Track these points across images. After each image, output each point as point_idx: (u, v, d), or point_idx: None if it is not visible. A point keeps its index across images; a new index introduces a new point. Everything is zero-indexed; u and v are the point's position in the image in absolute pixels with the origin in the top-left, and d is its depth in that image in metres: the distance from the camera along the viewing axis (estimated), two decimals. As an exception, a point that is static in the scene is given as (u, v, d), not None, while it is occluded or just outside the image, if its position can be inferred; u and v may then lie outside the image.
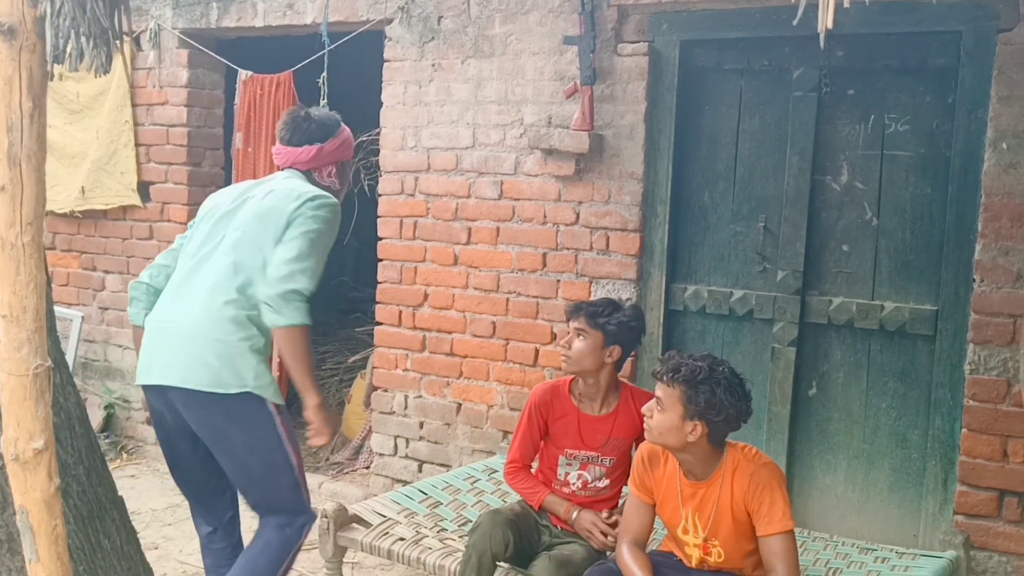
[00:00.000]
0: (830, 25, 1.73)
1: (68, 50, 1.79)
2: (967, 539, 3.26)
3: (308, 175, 2.98)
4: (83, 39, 1.76)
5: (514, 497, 3.41)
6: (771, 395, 3.89)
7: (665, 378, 2.66)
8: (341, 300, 7.14)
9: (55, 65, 1.79)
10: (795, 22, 1.97)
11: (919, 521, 3.62)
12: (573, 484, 3.15)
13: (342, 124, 3.04)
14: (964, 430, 3.47)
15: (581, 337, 3.07)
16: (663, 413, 2.64)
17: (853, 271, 3.75)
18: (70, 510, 2.62)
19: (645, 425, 2.71)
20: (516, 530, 3.02)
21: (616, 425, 3.15)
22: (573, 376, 3.17)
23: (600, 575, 2.76)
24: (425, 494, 3.63)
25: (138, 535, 3.00)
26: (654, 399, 2.69)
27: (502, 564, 2.98)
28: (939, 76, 3.54)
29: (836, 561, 3.22)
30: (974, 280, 3.43)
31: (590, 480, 3.15)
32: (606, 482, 3.15)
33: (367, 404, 5.07)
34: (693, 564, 2.74)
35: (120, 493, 2.93)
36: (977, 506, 3.46)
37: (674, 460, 2.74)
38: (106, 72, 1.85)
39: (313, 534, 3.80)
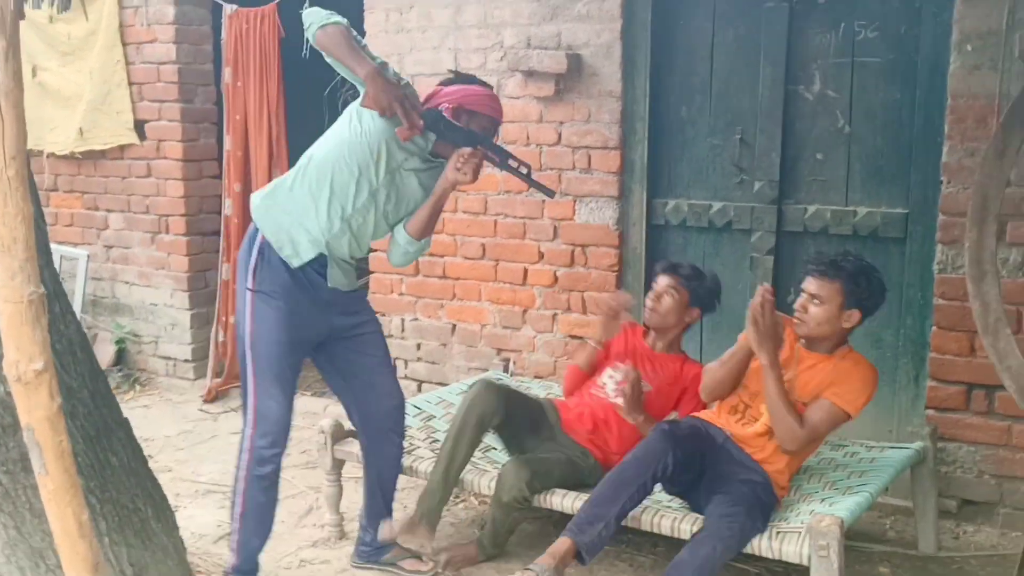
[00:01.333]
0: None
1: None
2: (934, 430, 3.40)
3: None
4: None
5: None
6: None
7: (825, 272, 2.95)
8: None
9: (48, 7, 1.87)
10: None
11: (893, 417, 3.77)
12: (606, 386, 3.41)
13: (482, 85, 3.06)
14: (934, 328, 3.59)
15: (670, 294, 3.35)
16: (821, 306, 2.95)
17: (827, 179, 3.84)
18: (77, 431, 2.78)
19: (798, 318, 2.99)
20: (510, 404, 3.23)
21: (665, 371, 3.46)
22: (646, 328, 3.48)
23: (659, 436, 2.95)
24: (420, 409, 3.80)
25: (152, 458, 3.16)
26: (806, 295, 2.96)
27: (490, 432, 3.24)
28: (906, -20, 3.58)
29: (808, 459, 3.37)
30: (941, 182, 3.52)
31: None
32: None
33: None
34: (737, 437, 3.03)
35: (132, 421, 3.08)
36: (947, 400, 3.61)
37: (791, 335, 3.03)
38: (66, 10, 1.94)
39: (313, 450, 3.99)
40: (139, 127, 5.33)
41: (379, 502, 3.26)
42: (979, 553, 3.44)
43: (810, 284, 2.98)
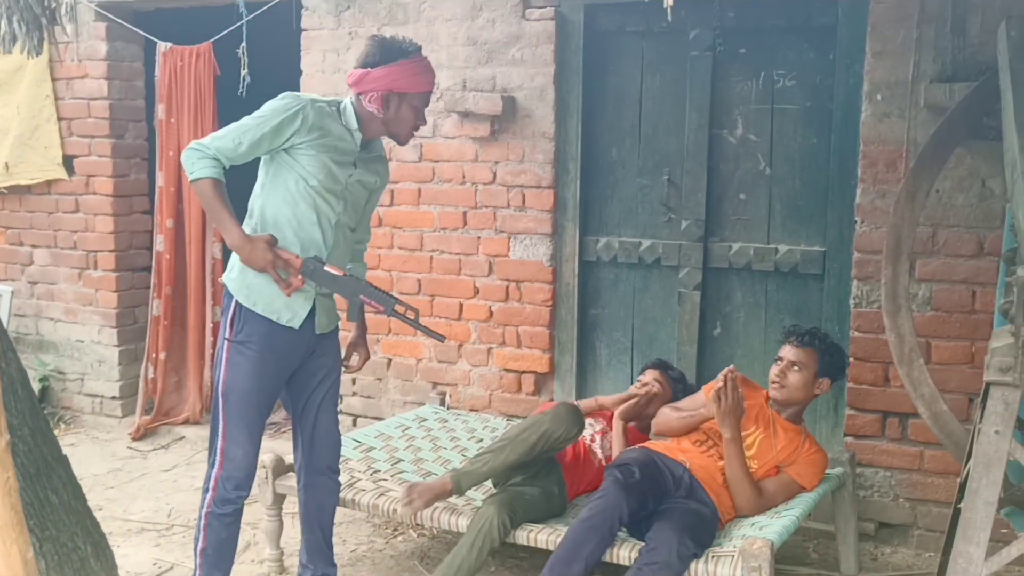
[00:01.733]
0: (670, 2, 1.94)
1: (2, 34, 1.92)
2: (852, 456, 3.59)
3: (357, 98, 2.94)
4: (16, 24, 1.89)
5: (443, 440, 3.69)
6: (679, 336, 4.18)
7: (805, 342, 3.26)
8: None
9: (-11, 47, 1.92)
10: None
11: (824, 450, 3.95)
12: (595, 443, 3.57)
13: (408, 56, 2.89)
14: (851, 359, 3.79)
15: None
16: (801, 372, 3.25)
17: (750, 217, 4.05)
18: (18, 468, 2.75)
19: (778, 384, 3.27)
20: (515, 505, 3.18)
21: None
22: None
23: (635, 457, 3.11)
24: (359, 442, 3.84)
25: (83, 493, 3.15)
26: (786, 362, 3.24)
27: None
28: (821, 34, 3.82)
29: (737, 483, 3.52)
30: (856, 222, 3.75)
31: None
32: None
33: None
34: (695, 466, 3.19)
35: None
36: (864, 427, 3.81)
37: (762, 396, 3.34)
38: (38, 55, 1.99)
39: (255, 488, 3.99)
40: (67, 162, 5.28)
41: (318, 538, 3.28)
42: (896, 573, 3.62)
43: (790, 352, 3.28)
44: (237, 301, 2.92)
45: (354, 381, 4.79)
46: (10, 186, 5.37)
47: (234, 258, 2.94)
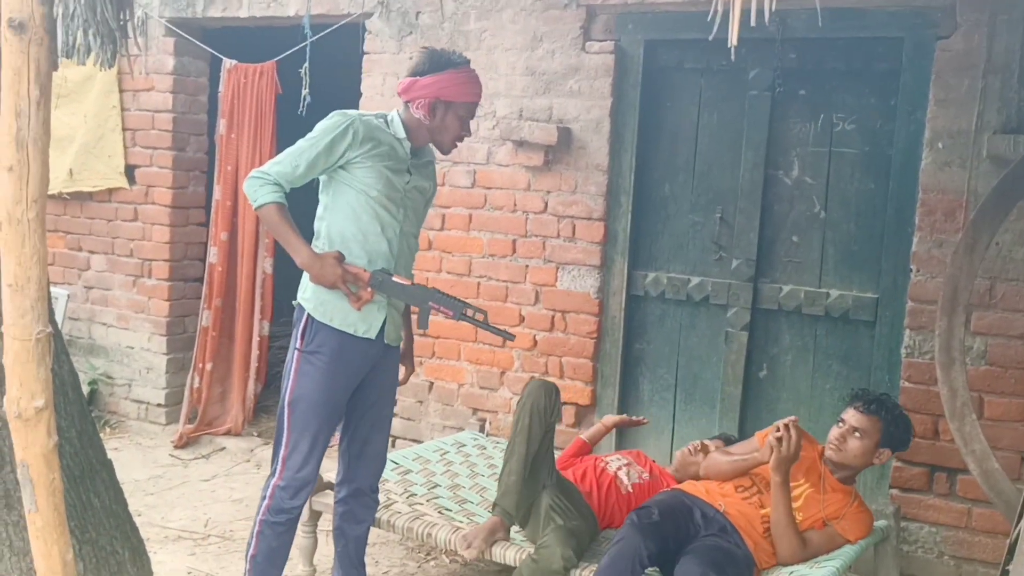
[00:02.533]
0: (734, 42, 1.94)
1: (77, 45, 1.98)
2: (898, 510, 3.51)
3: (405, 106, 3.03)
4: (91, 37, 1.95)
5: (481, 467, 3.68)
6: (724, 376, 4.13)
7: (871, 410, 3.14)
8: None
9: (62, 58, 1.97)
10: (711, 36, 2.20)
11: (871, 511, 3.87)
12: (619, 472, 3.56)
13: (456, 67, 2.97)
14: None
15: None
16: (862, 440, 3.14)
17: (802, 260, 4.00)
18: (63, 470, 2.80)
19: (835, 447, 3.16)
20: (550, 422, 3.28)
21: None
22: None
23: (659, 499, 3.10)
24: (396, 463, 3.84)
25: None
26: (847, 427, 3.14)
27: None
28: (883, 79, 3.78)
29: (777, 529, 3.46)
30: (911, 270, 3.68)
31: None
32: None
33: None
34: (733, 511, 3.13)
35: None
36: (910, 480, 3.72)
37: (816, 451, 3.25)
38: (110, 67, 2.04)
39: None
40: (129, 172, 5.40)
41: (351, 554, 3.29)
42: (938, 633, 3.53)
43: (853, 417, 3.16)
44: (310, 314, 2.97)
45: (395, 403, 4.79)
46: (73, 192, 5.50)
47: (305, 278, 3.00)
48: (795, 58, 3.90)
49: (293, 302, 3.10)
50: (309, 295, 2.99)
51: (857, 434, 3.15)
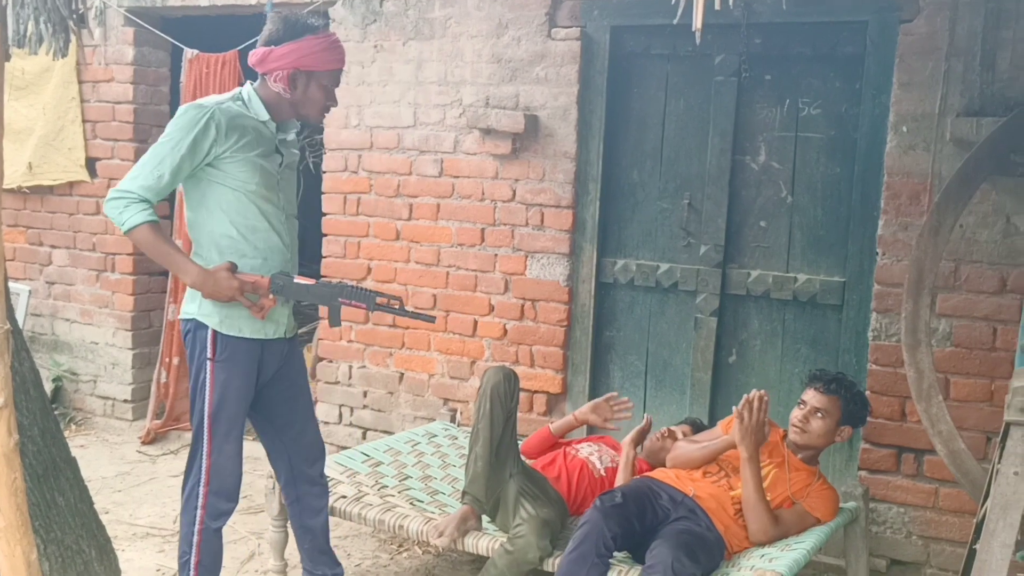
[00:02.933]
0: (699, 26, 1.93)
1: (28, 35, 1.93)
2: (866, 491, 3.53)
3: (262, 79, 2.86)
4: (43, 25, 1.90)
5: (452, 457, 3.68)
6: (694, 362, 4.14)
7: (831, 390, 3.18)
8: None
9: (14, 48, 1.92)
10: (675, 20, 2.20)
11: (828, 477, 3.89)
12: (591, 457, 3.56)
13: (315, 32, 2.79)
14: (867, 392, 3.74)
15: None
16: (824, 419, 3.18)
17: (770, 245, 4.01)
18: (26, 469, 2.74)
19: (799, 428, 3.20)
20: (510, 407, 3.29)
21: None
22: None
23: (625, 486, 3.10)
24: (367, 456, 3.82)
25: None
26: (809, 407, 3.18)
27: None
28: (848, 63, 3.79)
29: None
30: (877, 253, 3.71)
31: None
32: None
33: (312, 375, 5.23)
34: (703, 495, 3.15)
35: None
36: (878, 462, 3.76)
37: (778, 434, 3.29)
38: (64, 56, 1.99)
39: (262, 495, 3.99)
40: (90, 165, 5.32)
41: (319, 542, 3.23)
42: (907, 612, 3.57)
43: (814, 398, 3.20)
44: (215, 329, 2.85)
45: (365, 394, 4.77)
46: (32, 186, 5.40)
47: (193, 292, 2.86)
48: (760, 43, 3.91)
49: (179, 317, 2.95)
50: (208, 310, 2.84)
51: (819, 414, 3.19)
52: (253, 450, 5.00)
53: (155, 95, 5.32)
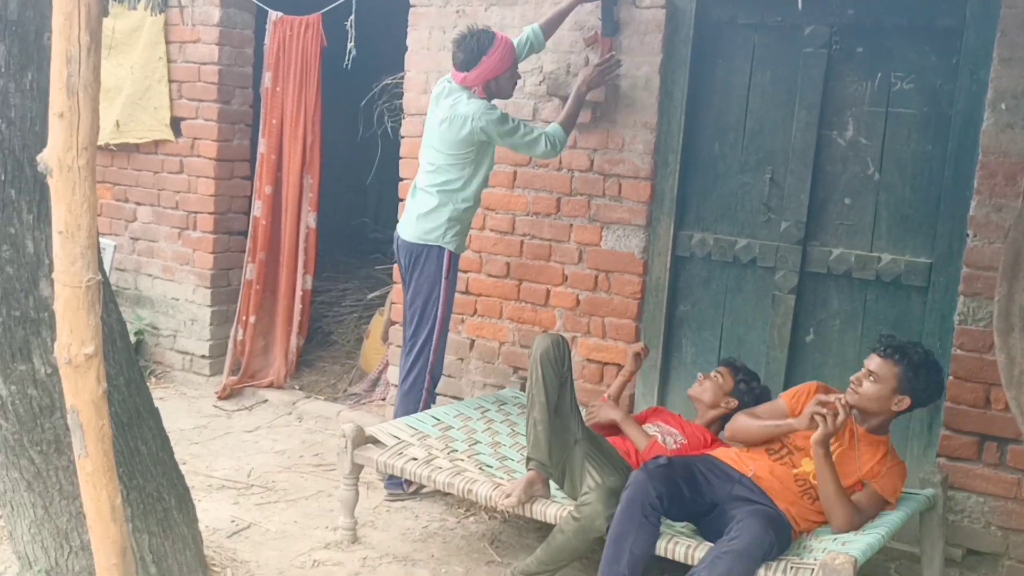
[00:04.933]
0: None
1: (127, -10, 1.95)
2: (945, 478, 3.44)
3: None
4: (141, -19, 1.92)
5: (521, 426, 3.69)
6: (770, 340, 4.07)
7: (888, 354, 3.09)
8: (362, 240, 7.35)
9: (114, 4, 1.95)
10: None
11: (905, 462, 3.80)
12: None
13: (484, 50, 3.84)
14: (951, 377, 3.64)
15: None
16: (876, 384, 3.09)
17: (854, 223, 3.91)
18: (112, 417, 2.83)
19: (853, 389, 3.12)
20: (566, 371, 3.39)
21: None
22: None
23: (656, 472, 3.03)
24: (438, 420, 3.85)
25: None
26: (865, 370, 3.11)
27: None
28: (944, 36, 3.65)
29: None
30: (967, 235, 3.58)
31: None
32: None
33: (385, 339, 5.29)
34: (795, 474, 3.13)
35: (155, 406, 3.15)
36: (959, 449, 3.65)
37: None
38: (161, 12, 2.02)
39: (333, 454, 4.07)
40: (175, 124, 5.42)
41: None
42: (982, 603, 3.48)
43: (872, 361, 3.13)
44: (451, 251, 4.01)
45: (436, 359, 4.80)
46: (119, 144, 5.54)
47: (444, 221, 3.98)
48: (853, 14, 3.78)
49: (416, 241, 4.01)
50: (448, 238, 3.99)
51: (872, 378, 3.11)
52: (324, 410, 5.11)
53: (239, 57, 5.38)
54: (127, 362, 2.99)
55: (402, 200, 4.84)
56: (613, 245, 4.31)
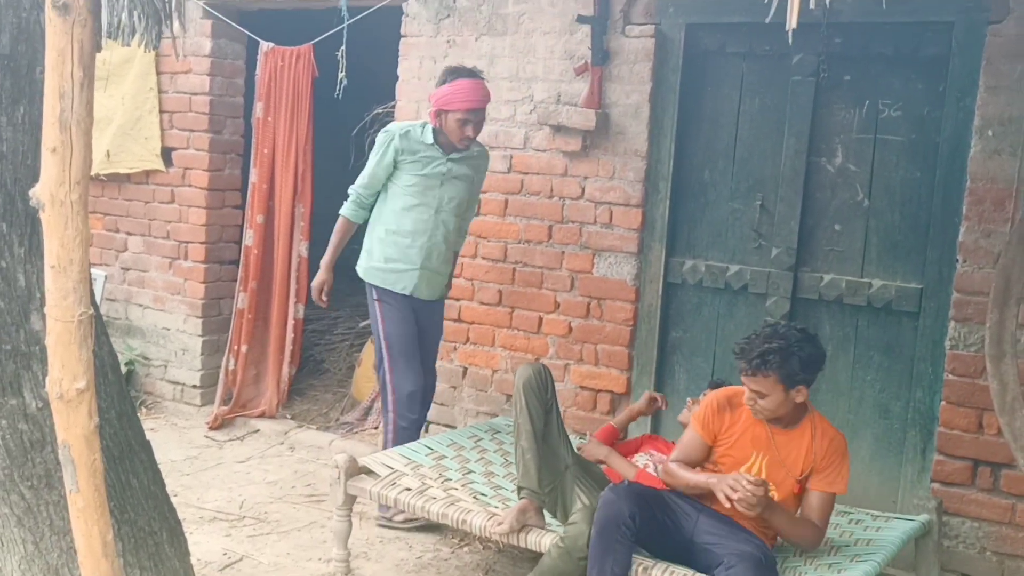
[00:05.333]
0: (794, 24, 1.89)
1: (121, 26, 1.97)
2: (940, 504, 3.45)
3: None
4: (136, 17, 1.94)
5: (513, 455, 3.68)
6: (762, 366, 4.07)
7: (756, 371, 2.90)
8: (353, 269, 7.32)
9: (106, 39, 1.96)
10: (767, 19, 2.14)
11: (898, 488, 3.82)
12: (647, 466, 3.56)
13: (451, 81, 3.87)
14: (943, 403, 3.65)
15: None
16: (767, 398, 2.94)
17: (844, 249, 3.93)
18: (103, 451, 2.81)
19: (754, 411, 3.00)
20: (549, 401, 3.39)
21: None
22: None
23: (624, 492, 2.99)
24: (431, 449, 3.83)
25: (162, 478, 3.20)
26: (747, 392, 2.96)
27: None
28: (931, 65, 3.69)
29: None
30: (957, 260, 3.61)
31: None
32: None
33: (377, 368, 5.27)
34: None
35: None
36: (952, 474, 3.66)
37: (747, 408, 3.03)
38: (155, 47, 2.03)
39: (325, 484, 4.04)
40: (166, 154, 5.42)
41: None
42: (978, 630, 3.47)
43: (747, 382, 2.95)
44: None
45: (429, 387, 4.79)
46: (110, 174, 5.53)
47: (364, 248, 4.16)
48: (840, 43, 3.82)
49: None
50: (363, 266, 4.17)
51: (759, 395, 2.94)
52: (316, 439, 5.09)
53: (231, 87, 5.40)
54: (119, 395, 2.96)
55: (394, 228, 4.85)
56: (605, 272, 4.32)
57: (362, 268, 4.13)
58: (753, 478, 2.86)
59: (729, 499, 2.84)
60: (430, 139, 3.93)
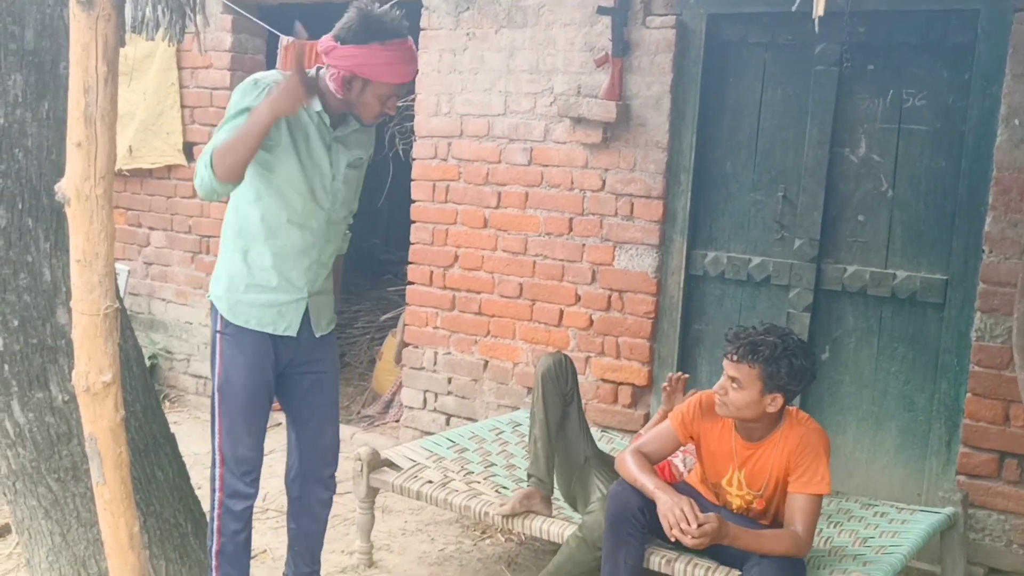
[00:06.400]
0: (821, 12, 1.87)
1: (145, 21, 1.97)
2: (965, 496, 3.41)
3: (326, 68, 2.67)
4: (159, 12, 1.94)
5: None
6: (785, 358, 4.04)
7: (742, 358, 2.74)
8: (373, 262, 7.37)
9: (130, 33, 1.97)
10: (793, 7, 2.12)
11: (923, 480, 3.79)
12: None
13: (383, 41, 2.57)
14: (969, 394, 3.62)
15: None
16: (740, 391, 2.75)
17: (868, 240, 3.89)
18: (128, 444, 2.83)
19: (719, 401, 2.83)
20: (570, 389, 3.36)
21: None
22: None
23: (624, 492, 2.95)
24: (452, 442, 3.84)
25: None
26: (725, 378, 2.80)
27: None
28: (956, 53, 3.65)
29: (837, 516, 3.40)
30: (983, 251, 3.57)
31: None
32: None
33: (398, 360, 5.29)
34: (733, 509, 2.96)
35: (170, 432, 3.15)
36: (978, 467, 3.62)
37: (729, 424, 2.91)
38: (179, 41, 2.04)
39: (347, 478, 4.05)
40: (187, 149, 5.45)
41: (312, 550, 3.09)
42: (1005, 623, 3.44)
43: (728, 367, 2.79)
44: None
45: (449, 381, 4.80)
46: (132, 169, 5.57)
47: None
48: (864, 32, 3.78)
49: None
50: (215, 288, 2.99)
51: (735, 385, 2.76)
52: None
53: (251, 81, 5.40)
54: (143, 388, 2.99)
55: (414, 222, 4.86)
56: (626, 265, 4.31)
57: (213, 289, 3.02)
58: (702, 517, 2.66)
59: (671, 530, 2.69)
60: (317, 103, 2.69)
